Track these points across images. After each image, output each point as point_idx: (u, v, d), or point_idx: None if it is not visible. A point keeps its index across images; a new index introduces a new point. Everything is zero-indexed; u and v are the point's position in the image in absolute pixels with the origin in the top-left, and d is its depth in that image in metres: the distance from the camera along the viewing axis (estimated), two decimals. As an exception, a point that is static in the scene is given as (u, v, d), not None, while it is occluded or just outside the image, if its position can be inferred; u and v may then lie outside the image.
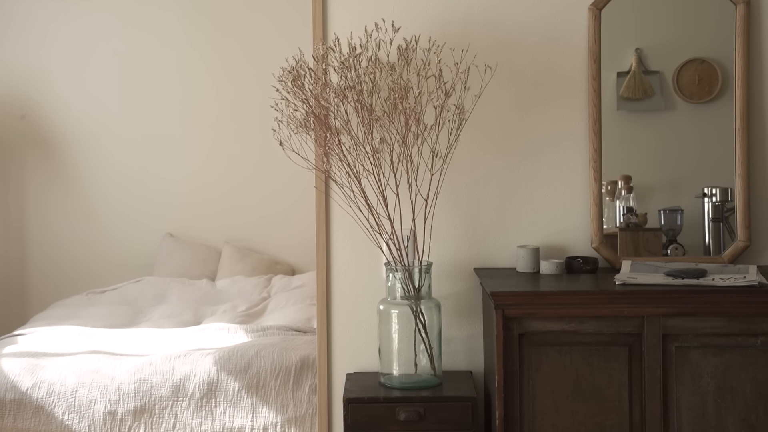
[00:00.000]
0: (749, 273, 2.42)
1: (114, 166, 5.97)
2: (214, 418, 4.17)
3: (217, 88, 5.82)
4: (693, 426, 2.31)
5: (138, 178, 5.99)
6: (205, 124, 5.88)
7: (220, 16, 5.78)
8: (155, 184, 6.00)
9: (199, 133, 5.91)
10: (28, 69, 5.82)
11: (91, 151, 5.96)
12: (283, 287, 5.61)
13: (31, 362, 4.31)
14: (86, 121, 5.88)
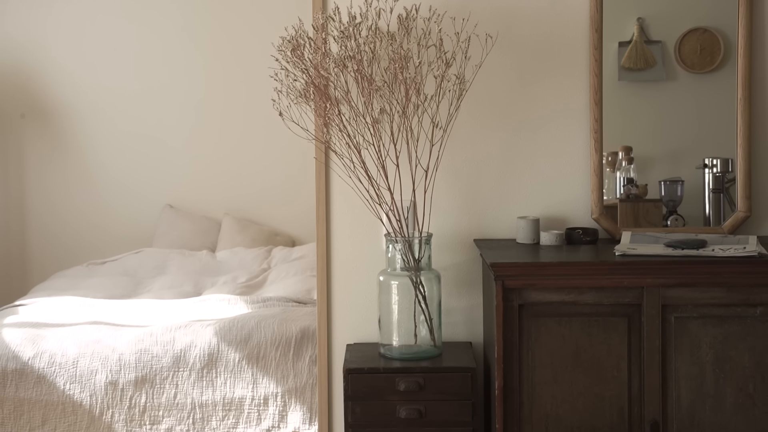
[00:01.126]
0: (749, 243, 2.41)
1: (113, 137, 5.95)
2: (215, 388, 4.20)
3: (217, 58, 5.78)
4: (691, 396, 2.32)
5: (137, 148, 5.97)
6: (205, 94, 5.85)
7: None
8: (155, 154, 5.99)
9: (198, 104, 5.88)
10: (27, 39, 5.79)
11: (90, 121, 5.94)
12: (283, 259, 5.62)
13: (32, 332, 4.33)
14: (86, 92, 5.86)
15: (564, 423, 2.33)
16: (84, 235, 5.96)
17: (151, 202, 6.00)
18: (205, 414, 4.20)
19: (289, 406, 4.23)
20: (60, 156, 5.94)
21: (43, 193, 5.98)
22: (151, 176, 6.01)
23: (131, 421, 4.17)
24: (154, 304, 4.76)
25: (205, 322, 4.40)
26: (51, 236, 5.97)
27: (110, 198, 5.99)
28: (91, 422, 4.16)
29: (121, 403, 4.16)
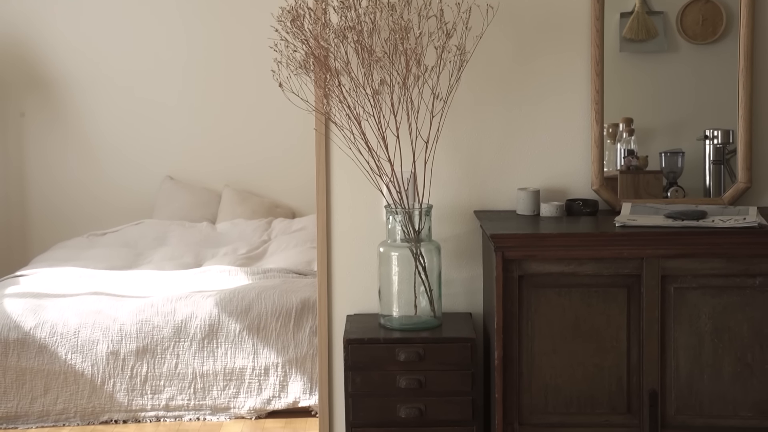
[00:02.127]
0: (749, 214, 2.42)
1: (113, 108, 5.94)
2: (216, 358, 4.22)
3: (217, 28, 5.76)
4: (690, 366, 2.33)
5: (137, 120, 5.96)
6: (205, 66, 5.83)
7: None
8: (155, 126, 5.98)
9: (199, 76, 5.86)
10: (28, 10, 5.76)
11: (90, 92, 5.92)
12: (283, 230, 5.63)
13: (33, 303, 4.35)
14: (86, 63, 5.83)
15: (563, 393, 2.35)
16: (84, 206, 5.97)
17: (151, 173, 6.00)
18: (206, 384, 4.22)
19: (289, 377, 4.25)
20: (60, 127, 5.93)
21: (44, 164, 5.97)
22: (151, 148, 6.00)
23: (133, 390, 4.20)
24: (154, 275, 4.78)
25: (205, 293, 4.42)
26: (51, 207, 5.98)
27: (110, 169, 5.99)
28: (93, 391, 4.19)
29: (122, 372, 4.19)
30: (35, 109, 5.93)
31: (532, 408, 2.35)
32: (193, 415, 4.26)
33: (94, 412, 4.20)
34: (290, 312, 4.27)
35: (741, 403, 2.33)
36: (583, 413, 2.35)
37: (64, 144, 5.97)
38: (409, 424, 2.43)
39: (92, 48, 5.82)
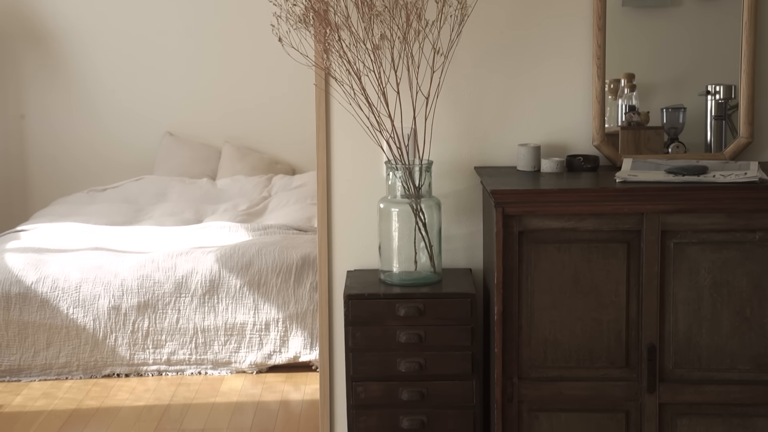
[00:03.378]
0: (750, 169, 2.41)
1: (113, 63, 5.90)
2: (217, 314, 4.25)
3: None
4: (688, 320, 2.35)
5: (137, 75, 5.93)
6: (204, 21, 5.79)
7: None
8: (154, 81, 5.95)
9: (198, 31, 5.82)
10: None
11: (90, 47, 5.88)
12: (283, 187, 5.63)
13: (34, 257, 4.36)
14: (86, 17, 5.79)
15: (562, 347, 2.36)
16: (84, 161, 5.97)
17: (151, 129, 5.99)
18: (208, 339, 4.26)
19: (290, 332, 4.28)
20: (60, 82, 5.90)
21: (43, 119, 5.96)
22: (151, 103, 5.98)
23: (134, 345, 4.23)
24: (155, 231, 4.79)
25: (206, 249, 4.43)
26: (51, 162, 5.97)
27: (110, 125, 5.97)
28: (95, 346, 4.22)
29: (124, 327, 4.22)
30: (34, 63, 5.89)
31: (531, 362, 2.37)
32: (194, 369, 4.30)
33: (96, 366, 4.24)
34: (291, 268, 4.29)
35: (739, 357, 2.35)
36: (581, 367, 2.37)
37: (63, 99, 5.94)
38: (408, 378, 2.45)
39: (92, 2, 5.77)
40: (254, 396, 4.06)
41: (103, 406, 3.97)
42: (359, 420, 2.46)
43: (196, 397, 4.04)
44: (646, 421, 2.36)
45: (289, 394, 4.08)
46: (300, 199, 5.29)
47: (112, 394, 4.08)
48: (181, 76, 5.91)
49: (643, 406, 2.36)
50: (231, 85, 5.91)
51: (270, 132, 5.98)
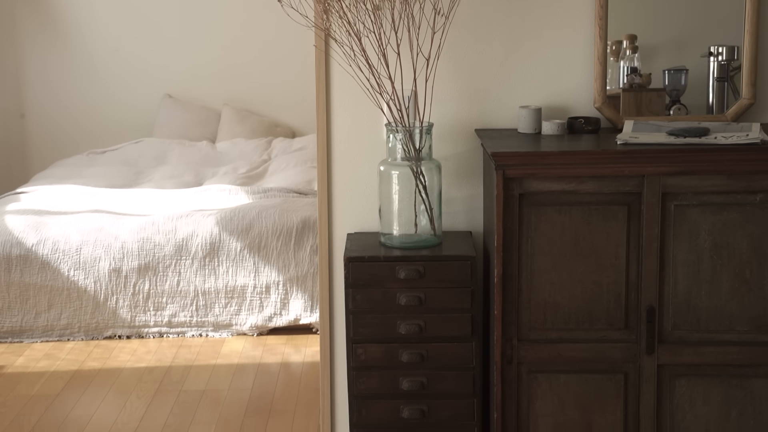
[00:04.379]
0: (752, 131, 2.40)
1: (112, 25, 5.86)
2: (217, 276, 4.26)
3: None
4: (688, 282, 2.35)
5: (136, 37, 5.89)
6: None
7: None
8: (153, 43, 5.91)
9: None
10: None
11: (89, 7, 5.84)
12: (283, 150, 5.62)
13: (34, 219, 4.37)
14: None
15: (561, 309, 2.37)
16: (83, 123, 5.95)
17: (150, 91, 5.96)
18: (208, 301, 4.27)
19: (290, 294, 4.30)
20: (59, 44, 5.86)
21: (42, 81, 5.93)
22: (150, 65, 5.95)
23: (135, 307, 4.25)
24: (155, 194, 4.79)
25: (206, 211, 4.44)
26: (50, 124, 5.96)
27: (109, 87, 5.95)
28: (96, 308, 4.24)
29: (125, 289, 4.23)
30: (33, 25, 5.85)
31: (531, 324, 2.38)
32: (195, 331, 4.32)
33: (97, 328, 4.26)
34: (291, 231, 4.30)
35: (738, 318, 2.36)
36: (581, 329, 2.38)
37: (62, 61, 5.91)
38: (408, 340, 2.46)
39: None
40: (255, 358, 4.09)
41: (104, 367, 4.00)
42: (359, 381, 2.48)
43: (197, 359, 4.07)
44: (645, 382, 2.38)
45: (290, 356, 4.10)
46: (300, 162, 5.28)
47: (114, 355, 4.11)
48: (180, 38, 5.87)
49: (642, 367, 2.37)
50: (230, 47, 5.87)
51: (270, 94, 5.96)
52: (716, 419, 2.39)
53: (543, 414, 2.40)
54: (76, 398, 3.71)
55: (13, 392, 3.76)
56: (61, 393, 3.75)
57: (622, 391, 2.39)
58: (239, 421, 3.49)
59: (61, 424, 3.49)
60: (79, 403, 3.67)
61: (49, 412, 3.59)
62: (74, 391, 3.77)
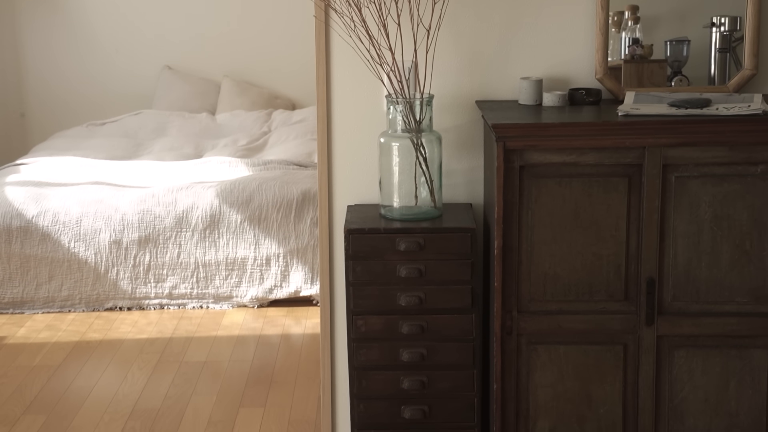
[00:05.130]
0: (754, 101, 2.39)
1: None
2: (218, 248, 4.27)
3: None
4: (688, 253, 2.35)
5: (135, 7, 5.85)
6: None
7: None
8: (152, 14, 5.88)
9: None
10: None
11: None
12: (283, 122, 5.61)
13: (35, 191, 4.37)
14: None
15: (561, 281, 2.38)
16: (82, 94, 5.93)
17: (149, 63, 5.94)
18: (209, 273, 4.28)
19: (290, 267, 4.31)
20: (58, 14, 5.83)
21: (41, 52, 5.90)
22: (149, 36, 5.92)
23: (136, 278, 4.26)
24: (155, 166, 4.78)
25: (206, 183, 4.43)
26: (49, 96, 5.94)
27: (109, 58, 5.92)
28: (97, 279, 4.26)
29: (125, 261, 4.24)
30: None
31: (531, 296, 2.39)
32: (196, 303, 4.33)
33: (98, 299, 4.28)
34: (291, 203, 4.30)
35: (737, 290, 2.36)
36: (580, 301, 2.38)
37: (62, 32, 5.88)
38: (409, 312, 2.47)
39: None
40: (255, 330, 4.10)
41: (106, 338, 4.02)
42: (360, 353, 2.49)
43: (198, 330, 4.09)
44: (644, 353, 2.39)
45: (290, 328, 4.12)
46: (300, 135, 5.27)
47: (115, 327, 4.13)
48: (179, 9, 5.84)
49: (641, 338, 2.38)
50: (230, 18, 5.84)
51: (270, 66, 5.93)
52: (715, 389, 2.40)
53: (542, 385, 2.41)
54: (78, 369, 3.73)
55: (14, 363, 3.78)
56: (63, 364, 3.77)
57: (621, 362, 2.40)
58: (240, 392, 3.51)
59: (62, 394, 3.52)
60: (81, 374, 3.69)
61: (50, 382, 3.61)
62: (75, 362, 3.79)
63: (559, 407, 2.42)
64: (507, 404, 2.42)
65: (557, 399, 2.42)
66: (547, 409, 2.42)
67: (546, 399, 2.42)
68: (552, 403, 2.42)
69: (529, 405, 2.42)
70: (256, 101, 5.84)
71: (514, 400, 2.42)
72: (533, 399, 2.42)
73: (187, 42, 5.91)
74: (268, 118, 5.68)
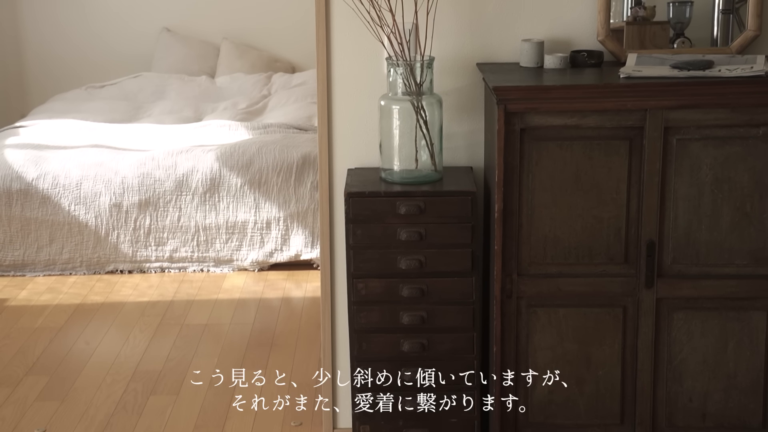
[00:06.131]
0: (757, 63, 2.37)
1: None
2: (218, 212, 4.27)
3: None
4: (688, 216, 2.35)
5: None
6: None
7: None
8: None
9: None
10: None
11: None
12: (283, 85, 5.58)
13: (34, 154, 4.36)
14: None
15: (561, 244, 2.38)
16: (81, 56, 5.90)
17: (148, 25, 5.89)
18: (209, 237, 4.29)
19: (291, 230, 4.31)
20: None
21: (39, 13, 5.85)
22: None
23: (137, 242, 4.27)
24: (154, 129, 4.77)
25: (206, 147, 4.42)
26: (48, 58, 5.91)
27: (107, 20, 5.88)
28: (98, 242, 4.26)
29: (125, 224, 4.25)
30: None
31: (531, 259, 2.39)
32: (196, 266, 4.35)
33: (99, 262, 4.29)
34: (291, 167, 4.29)
35: (737, 252, 2.36)
36: (580, 264, 2.39)
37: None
38: (409, 275, 2.47)
39: None
40: (256, 293, 4.12)
41: (107, 301, 4.03)
42: (360, 316, 2.50)
43: (198, 293, 4.10)
44: (643, 315, 2.40)
45: (291, 291, 4.14)
46: (300, 98, 5.25)
47: (116, 289, 4.14)
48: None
49: (641, 301, 2.39)
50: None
51: (269, 28, 5.89)
52: (713, 351, 2.42)
53: (542, 347, 2.43)
54: (80, 331, 3.75)
55: (16, 325, 3.80)
56: (65, 326, 3.79)
57: (620, 325, 2.41)
58: (241, 354, 3.53)
59: (64, 356, 3.54)
60: (83, 336, 3.71)
61: (52, 344, 3.63)
62: (77, 324, 3.81)
63: (558, 369, 2.43)
64: (506, 366, 2.43)
65: (556, 361, 2.43)
66: (547, 371, 2.43)
67: (545, 361, 2.43)
68: (551, 365, 2.43)
69: (528, 367, 2.44)
70: (255, 64, 5.81)
71: (513, 362, 2.43)
72: (533, 361, 2.44)
73: (186, 3, 5.86)
74: (268, 81, 5.65)
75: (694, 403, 2.44)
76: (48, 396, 3.22)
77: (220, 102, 5.35)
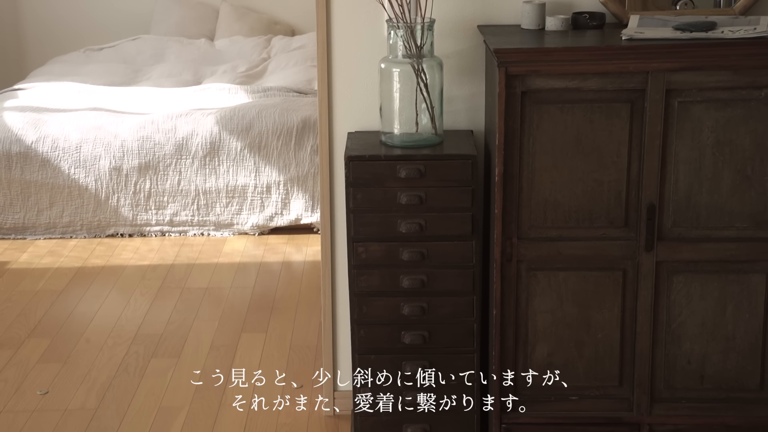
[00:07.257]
0: (760, 24, 2.35)
1: None
2: (218, 176, 4.27)
3: None
4: (689, 179, 2.35)
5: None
6: None
7: None
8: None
9: None
10: None
11: None
12: (282, 48, 5.54)
13: (33, 117, 4.35)
14: None
15: (562, 207, 2.37)
16: (78, 18, 5.85)
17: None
18: (209, 200, 4.29)
19: (291, 194, 4.31)
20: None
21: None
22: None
23: (137, 205, 4.27)
24: (154, 92, 4.75)
25: (206, 110, 4.41)
26: (45, 20, 5.86)
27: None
28: (98, 206, 4.26)
29: (126, 188, 4.25)
30: None
31: (531, 223, 2.39)
32: (197, 230, 4.35)
33: (99, 226, 4.29)
34: (291, 131, 4.28)
35: (738, 215, 2.36)
36: (581, 227, 2.38)
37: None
38: (409, 239, 2.47)
39: None
40: (257, 257, 4.13)
41: (108, 264, 4.04)
42: (360, 279, 2.51)
43: (199, 257, 4.11)
44: (643, 278, 2.40)
45: (291, 255, 4.14)
46: (300, 61, 5.22)
47: (117, 253, 4.15)
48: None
49: (641, 264, 2.39)
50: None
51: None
52: (712, 314, 2.42)
53: (541, 310, 2.44)
54: (81, 294, 3.76)
55: (18, 287, 3.81)
56: (66, 289, 3.80)
57: (620, 288, 2.41)
58: (242, 317, 3.55)
59: (66, 319, 3.55)
60: (84, 299, 3.72)
61: (54, 307, 3.64)
62: (78, 287, 3.82)
63: (557, 332, 2.44)
64: (506, 329, 2.44)
65: (556, 324, 2.44)
66: (546, 334, 2.45)
67: (545, 324, 2.44)
68: (551, 328, 2.44)
69: (528, 330, 2.45)
70: (255, 27, 5.77)
71: (513, 326, 2.44)
72: (532, 324, 2.44)
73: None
74: (268, 45, 5.61)
75: (693, 365, 2.46)
76: (50, 358, 3.24)
77: (219, 65, 5.32)
